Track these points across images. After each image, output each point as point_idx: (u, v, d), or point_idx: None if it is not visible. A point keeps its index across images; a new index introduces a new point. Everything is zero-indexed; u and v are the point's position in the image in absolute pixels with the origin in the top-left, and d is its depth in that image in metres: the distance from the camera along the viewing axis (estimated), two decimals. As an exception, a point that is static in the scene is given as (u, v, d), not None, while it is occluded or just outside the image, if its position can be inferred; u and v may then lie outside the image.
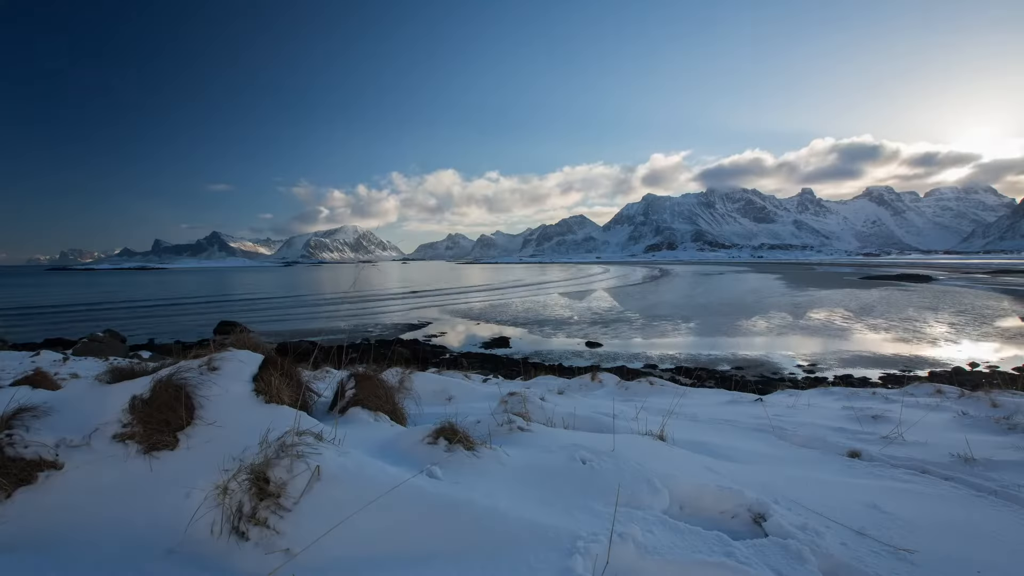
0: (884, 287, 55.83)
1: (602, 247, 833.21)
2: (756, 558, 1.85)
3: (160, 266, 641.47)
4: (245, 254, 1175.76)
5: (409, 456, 2.49)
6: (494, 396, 5.79)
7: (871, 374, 18.21)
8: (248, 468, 1.94)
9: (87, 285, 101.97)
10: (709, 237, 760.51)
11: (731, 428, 4.67)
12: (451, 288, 70.79)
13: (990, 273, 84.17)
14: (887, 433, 4.10)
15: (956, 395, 6.00)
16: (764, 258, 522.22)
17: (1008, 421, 4.32)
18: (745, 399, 6.96)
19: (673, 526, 2.01)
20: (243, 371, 2.85)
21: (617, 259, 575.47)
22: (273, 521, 1.82)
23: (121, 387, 2.65)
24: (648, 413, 4.90)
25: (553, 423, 4.00)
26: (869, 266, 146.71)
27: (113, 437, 2.35)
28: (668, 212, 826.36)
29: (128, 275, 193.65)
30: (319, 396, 3.60)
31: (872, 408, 5.35)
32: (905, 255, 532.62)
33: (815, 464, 3.48)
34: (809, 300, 43.41)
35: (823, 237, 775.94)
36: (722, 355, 21.86)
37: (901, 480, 3.04)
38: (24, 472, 2.12)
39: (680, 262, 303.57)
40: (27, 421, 2.33)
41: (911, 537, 2.18)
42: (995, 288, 52.26)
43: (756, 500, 2.34)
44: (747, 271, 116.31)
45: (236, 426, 2.45)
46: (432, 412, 4.50)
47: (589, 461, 2.51)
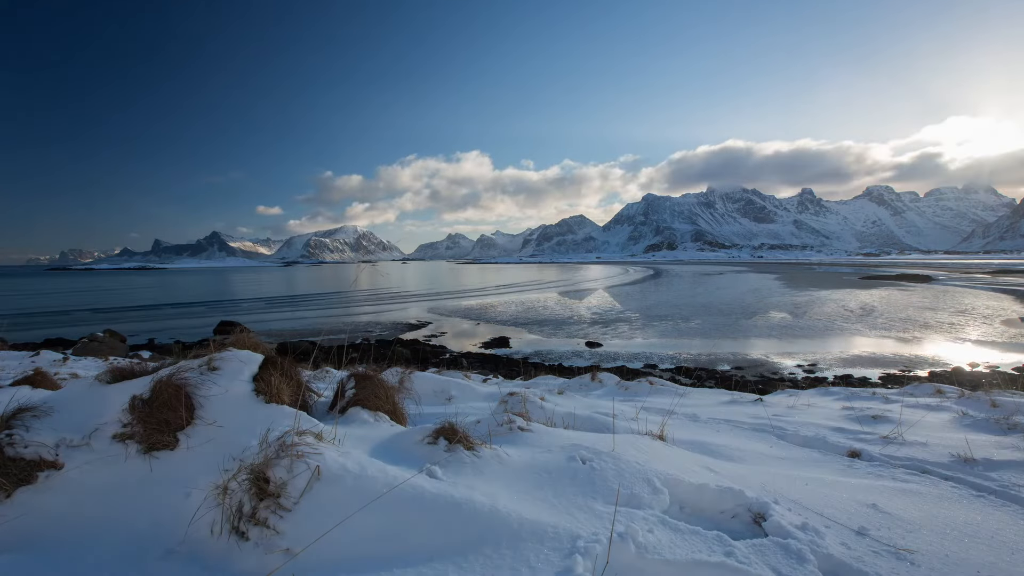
0: (884, 287, 55.83)
1: (602, 247, 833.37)
2: (756, 558, 1.85)
3: (160, 266, 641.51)
4: (245, 254, 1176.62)
5: (409, 456, 2.49)
6: (494, 396, 5.79)
7: (871, 374, 18.22)
8: (248, 468, 1.93)
9: (87, 285, 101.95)
10: (709, 237, 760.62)
11: (731, 428, 4.67)
12: (451, 288, 70.77)
13: (990, 273, 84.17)
14: (887, 433, 4.10)
15: (956, 395, 6.00)
16: (764, 258, 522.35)
17: (1008, 421, 4.32)
18: (745, 399, 6.96)
19: (673, 526, 2.01)
20: (243, 371, 2.85)
21: (617, 259, 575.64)
22: (273, 521, 1.82)
23: (121, 387, 2.65)
24: (648, 413, 4.90)
25: (553, 423, 4.00)
26: (869, 266, 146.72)
27: (113, 437, 2.35)
28: (668, 212, 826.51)
29: (128, 275, 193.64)
30: (319, 396, 3.60)
31: (872, 408, 5.35)
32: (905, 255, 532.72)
33: (815, 464, 3.48)
34: (809, 300, 43.41)
35: (823, 237, 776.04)
36: (722, 355, 21.86)
37: (901, 480, 3.04)
38: (24, 472, 2.12)
39: (680, 262, 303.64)
40: (27, 421, 2.33)
41: (911, 537, 2.18)
42: (995, 288, 52.25)
43: (756, 500, 2.34)
44: (747, 271, 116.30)
45: (236, 426, 2.45)
46: (432, 412, 4.50)
47: (589, 461, 2.52)
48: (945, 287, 54.58)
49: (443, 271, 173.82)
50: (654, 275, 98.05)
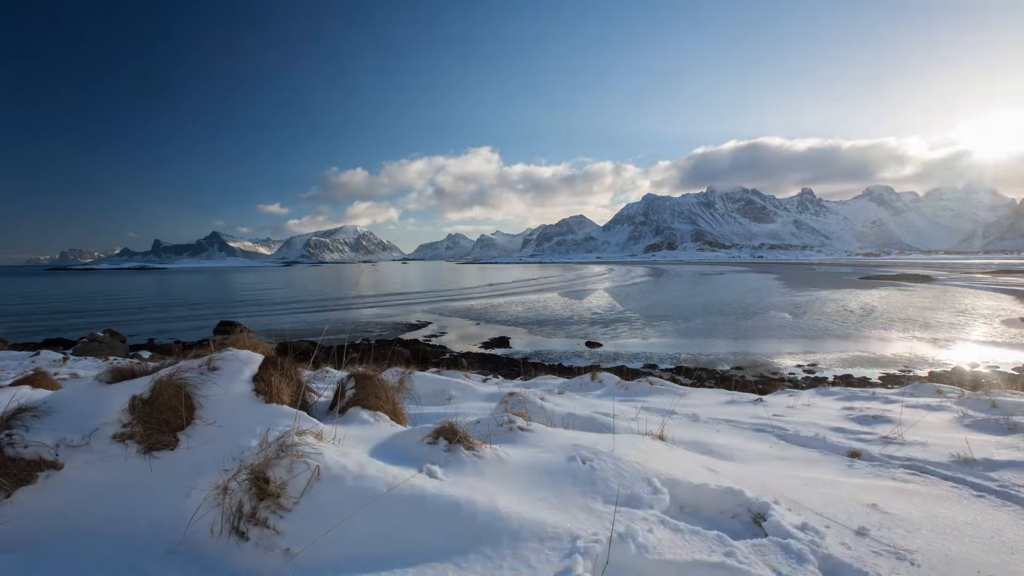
0: (884, 287, 55.84)
1: (602, 247, 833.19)
2: (756, 558, 1.85)
3: (160, 266, 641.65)
4: (245, 254, 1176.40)
5: (409, 456, 2.49)
6: (494, 396, 5.80)
7: (871, 374, 18.22)
8: (248, 468, 1.93)
9: (87, 285, 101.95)
10: (709, 237, 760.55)
11: (731, 428, 4.68)
12: (451, 288, 70.77)
13: (990, 273, 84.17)
14: (887, 433, 4.10)
15: (956, 395, 6.00)
16: (764, 258, 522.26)
17: (1008, 421, 4.32)
18: (745, 399, 6.97)
19: (673, 526, 2.01)
20: (243, 371, 2.85)
21: (617, 259, 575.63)
22: (273, 521, 1.82)
23: (121, 387, 2.65)
24: (648, 413, 4.90)
25: (553, 423, 4.00)
26: (869, 266, 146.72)
27: (113, 437, 2.35)
28: (668, 212, 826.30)
29: (128, 275, 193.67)
30: (319, 396, 3.60)
31: (872, 408, 5.35)
32: (905, 255, 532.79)
33: (815, 464, 3.48)
34: (809, 300, 43.41)
35: (823, 237, 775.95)
36: (722, 355, 21.86)
37: (901, 480, 3.04)
38: (24, 472, 2.12)
39: (680, 262, 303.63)
40: (27, 421, 2.33)
41: (911, 537, 2.18)
42: (995, 288, 52.25)
43: (756, 500, 2.34)
44: (747, 271, 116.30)
45: (236, 426, 2.44)
46: (432, 412, 4.50)
47: (589, 461, 2.51)
48: (945, 287, 54.58)
49: (443, 271, 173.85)
50: (654, 275, 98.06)
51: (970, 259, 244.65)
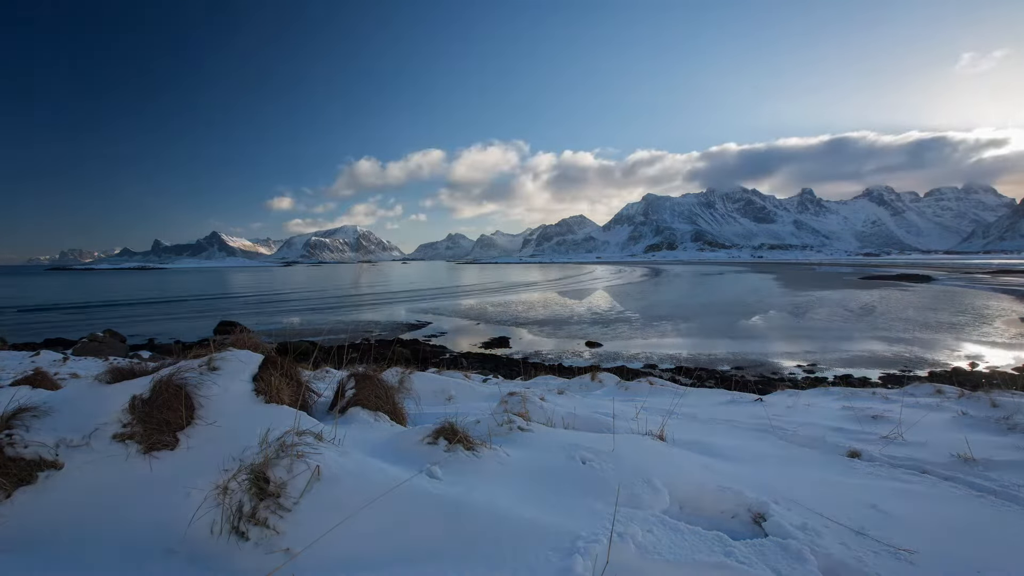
0: (884, 287, 55.85)
1: (602, 247, 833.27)
2: (756, 558, 1.85)
3: (160, 266, 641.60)
4: (245, 254, 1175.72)
5: (409, 456, 2.49)
6: (494, 396, 5.80)
7: (871, 374, 18.22)
8: (248, 468, 1.93)
9: (87, 285, 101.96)
10: (709, 237, 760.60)
11: (731, 428, 4.67)
12: (451, 288, 70.76)
13: (990, 273, 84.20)
14: (887, 433, 4.10)
15: (956, 395, 5.99)
16: (764, 258, 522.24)
17: (1008, 421, 4.32)
18: (745, 399, 6.96)
19: (673, 526, 2.01)
20: (243, 371, 2.85)
21: (617, 259, 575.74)
22: (273, 521, 1.82)
23: (121, 387, 2.65)
24: (648, 413, 4.90)
25: (553, 423, 4.00)
26: (869, 266, 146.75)
27: (113, 437, 2.35)
28: (668, 212, 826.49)
29: (128, 275, 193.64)
30: (319, 396, 3.60)
31: (872, 408, 5.34)
32: (905, 255, 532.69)
33: (815, 464, 3.48)
34: (809, 300, 43.42)
35: (823, 237, 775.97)
36: (722, 355, 21.86)
37: (901, 480, 3.04)
38: (24, 472, 2.12)
39: (680, 262, 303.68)
40: (27, 421, 2.33)
41: (911, 537, 2.18)
42: (995, 288, 52.26)
43: (756, 500, 2.34)
44: (747, 271, 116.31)
45: (236, 426, 2.45)
46: (432, 412, 4.50)
47: (589, 461, 2.51)
48: (945, 287, 54.59)
49: (443, 271, 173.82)
50: (654, 275, 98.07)
51: (970, 259, 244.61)
